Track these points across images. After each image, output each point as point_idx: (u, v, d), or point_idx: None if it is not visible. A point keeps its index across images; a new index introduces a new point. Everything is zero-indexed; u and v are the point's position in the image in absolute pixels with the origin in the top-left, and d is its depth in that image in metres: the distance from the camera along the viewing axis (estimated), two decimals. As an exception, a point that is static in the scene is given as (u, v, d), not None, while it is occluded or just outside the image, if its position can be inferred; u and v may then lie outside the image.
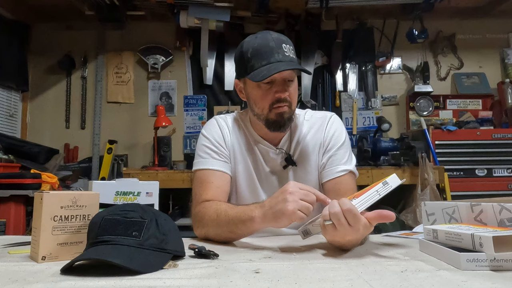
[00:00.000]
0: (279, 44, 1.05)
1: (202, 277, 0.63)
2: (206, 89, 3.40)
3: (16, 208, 2.09)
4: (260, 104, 1.10)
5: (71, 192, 0.80)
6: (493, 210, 0.73)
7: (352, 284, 0.59)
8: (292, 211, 0.83)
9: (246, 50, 1.08)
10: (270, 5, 3.10)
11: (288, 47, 1.07)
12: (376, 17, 3.37)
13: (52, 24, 3.37)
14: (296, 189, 0.85)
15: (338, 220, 0.75)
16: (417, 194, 2.51)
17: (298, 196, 0.84)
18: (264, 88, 1.08)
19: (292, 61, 1.06)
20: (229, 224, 0.96)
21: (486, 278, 0.59)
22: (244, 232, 0.95)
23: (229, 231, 0.96)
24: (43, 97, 3.39)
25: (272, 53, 1.04)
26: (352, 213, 0.74)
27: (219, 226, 0.98)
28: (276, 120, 1.09)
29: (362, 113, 3.40)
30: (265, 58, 1.04)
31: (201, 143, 1.20)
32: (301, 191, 0.85)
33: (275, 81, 1.07)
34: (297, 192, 0.84)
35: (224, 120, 1.24)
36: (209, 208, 1.04)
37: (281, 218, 0.85)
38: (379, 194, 0.78)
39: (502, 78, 3.36)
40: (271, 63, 1.03)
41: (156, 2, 2.95)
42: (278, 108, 1.08)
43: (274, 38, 1.06)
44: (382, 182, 0.81)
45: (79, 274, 0.63)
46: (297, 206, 0.83)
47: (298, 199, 0.83)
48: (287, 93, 1.08)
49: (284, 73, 1.05)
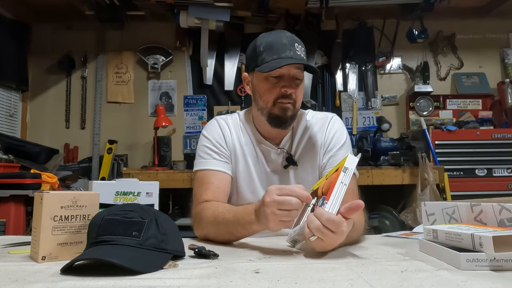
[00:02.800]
0: (292, 43, 1.07)
1: (202, 277, 0.63)
2: (206, 89, 3.40)
3: (16, 208, 2.09)
4: (265, 97, 1.11)
5: (71, 192, 0.80)
6: (493, 210, 0.73)
7: (352, 284, 0.59)
8: (274, 227, 0.81)
9: (259, 44, 1.10)
10: (270, 5, 3.10)
11: (301, 48, 1.09)
12: (376, 17, 3.37)
13: (52, 24, 3.37)
14: (271, 199, 0.80)
15: (321, 233, 0.73)
16: (417, 194, 2.51)
17: (276, 207, 0.79)
18: (271, 81, 1.09)
19: (303, 61, 1.08)
20: (227, 226, 0.95)
21: (486, 278, 0.59)
22: (244, 234, 0.95)
23: (228, 233, 0.96)
24: (43, 97, 3.39)
25: (284, 49, 1.06)
26: (332, 221, 0.72)
27: (218, 228, 0.98)
28: (279, 115, 1.10)
29: (362, 113, 3.40)
30: (276, 52, 1.06)
31: (201, 144, 1.21)
32: (278, 199, 0.79)
33: (283, 77, 1.08)
34: (273, 203, 0.79)
35: (225, 121, 1.24)
36: (207, 209, 1.04)
37: (270, 228, 0.83)
38: (345, 184, 0.76)
39: (502, 78, 3.36)
40: (282, 58, 1.05)
41: (156, 2, 2.94)
42: (282, 104, 1.09)
43: (288, 36, 1.08)
44: (342, 170, 0.78)
45: (79, 274, 0.63)
46: (277, 218, 0.80)
47: (276, 211, 0.79)
48: (294, 90, 1.09)
49: (293, 70, 1.07)
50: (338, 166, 0.82)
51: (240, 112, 1.28)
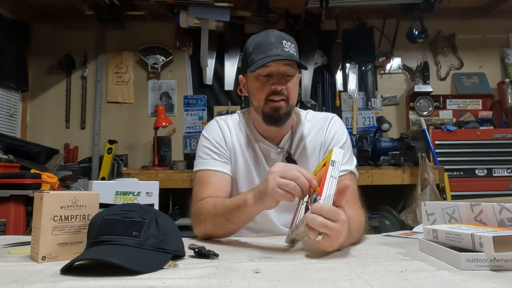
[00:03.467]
0: (279, 40, 1.08)
1: (202, 277, 0.63)
2: (206, 89, 3.40)
3: (16, 208, 2.09)
4: (257, 96, 1.13)
5: (71, 192, 0.80)
6: (493, 210, 0.73)
7: (352, 284, 0.59)
8: (272, 188, 0.82)
9: (249, 46, 1.12)
10: (270, 5, 3.10)
11: (289, 44, 1.09)
12: (376, 17, 3.37)
13: (52, 24, 3.36)
14: (277, 168, 0.84)
15: (326, 227, 0.73)
16: (417, 194, 2.51)
17: (278, 174, 0.82)
18: (261, 80, 1.11)
19: (291, 57, 1.07)
20: (225, 212, 0.97)
21: (486, 278, 0.59)
22: (240, 218, 0.96)
23: (226, 220, 0.97)
24: (43, 97, 3.39)
25: (271, 47, 1.07)
26: (331, 210, 0.74)
27: (216, 217, 0.99)
28: (272, 114, 1.12)
29: (362, 113, 3.40)
30: (264, 51, 1.07)
31: (201, 144, 1.22)
32: (282, 169, 0.83)
33: (273, 74, 1.10)
34: (277, 171, 0.83)
35: (224, 121, 1.25)
36: (207, 203, 1.05)
37: (265, 197, 0.85)
38: (335, 178, 0.77)
39: (502, 78, 3.36)
40: (268, 56, 1.06)
41: (156, 2, 2.94)
42: (273, 102, 1.10)
43: (275, 35, 1.09)
44: (330, 164, 0.78)
45: (79, 274, 0.63)
46: (276, 183, 0.82)
47: (277, 177, 0.82)
48: (284, 86, 1.10)
49: (282, 67, 1.08)
50: (326, 160, 0.81)
51: (240, 112, 1.29)
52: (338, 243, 0.77)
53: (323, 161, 0.85)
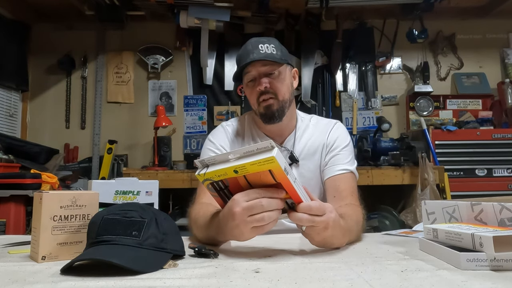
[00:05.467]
0: (255, 45, 1.15)
1: (202, 277, 0.63)
2: (206, 89, 3.40)
3: (16, 208, 2.09)
4: (251, 100, 1.22)
5: (70, 192, 0.80)
6: (493, 209, 0.73)
7: (352, 284, 0.59)
8: (248, 236, 0.76)
9: (236, 59, 1.24)
10: (270, 5, 3.10)
11: (267, 46, 1.15)
12: (376, 17, 3.37)
13: (52, 24, 3.36)
14: (239, 208, 0.74)
15: (313, 221, 0.75)
16: (417, 194, 2.51)
17: (246, 214, 0.73)
18: (250, 86, 1.20)
19: (266, 57, 1.14)
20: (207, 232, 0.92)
21: (486, 278, 0.59)
22: (222, 240, 0.91)
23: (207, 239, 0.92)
24: (43, 97, 3.39)
25: (248, 54, 1.15)
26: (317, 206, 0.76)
27: (200, 228, 0.96)
28: (265, 113, 1.18)
29: (362, 113, 3.39)
30: (243, 60, 1.16)
31: (205, 147, 1.28)
32: (245, 204, 0.73)
33: (255, 78, 1.18)
34: (242, 212, 0.74)
35: (230, 126, 1.32)
36: (196, 213, 1.03)
37: (242, 240, 0.78)
38: (296, 178, 0.76)
39: (502, 78, 3.36)
40: (246, 63, 1.15)
41: (156, 2, 2.94)
42: (263, 102, 1.18)
43: (252, 42, 1.17)
44: (285, 172, 0.71)
45: (79, 274, 0.63)
46: (249, 226, 0.74)
47: (246, 218, 0.74)
48: (266, 85, 1.15)
49: (261, 68, 1.15)
50: (258, 170, 0.72)
51: (247, 114, 1.36)
52: (332, 231, 0.79)
53: (255, 169, 0.73)
